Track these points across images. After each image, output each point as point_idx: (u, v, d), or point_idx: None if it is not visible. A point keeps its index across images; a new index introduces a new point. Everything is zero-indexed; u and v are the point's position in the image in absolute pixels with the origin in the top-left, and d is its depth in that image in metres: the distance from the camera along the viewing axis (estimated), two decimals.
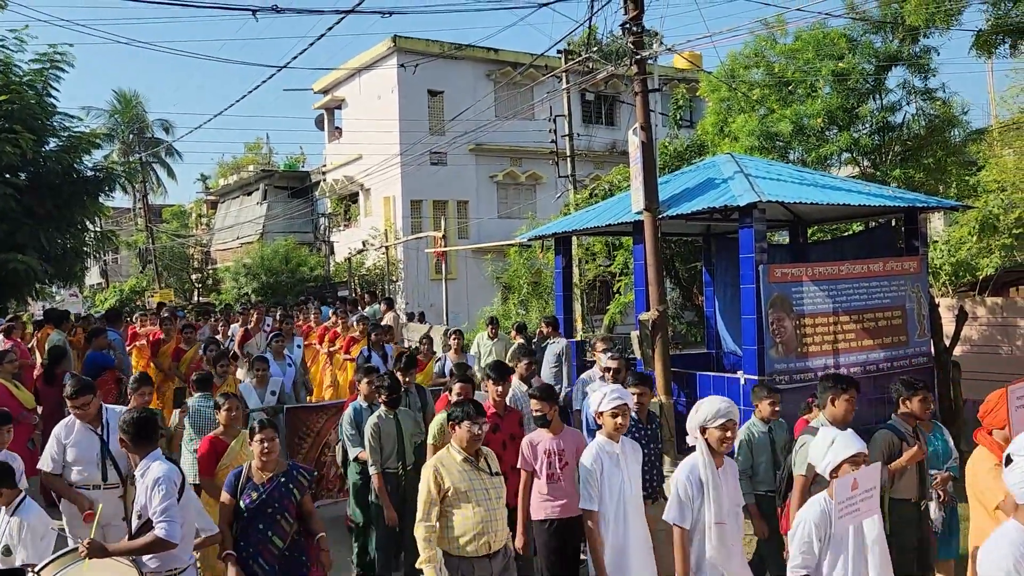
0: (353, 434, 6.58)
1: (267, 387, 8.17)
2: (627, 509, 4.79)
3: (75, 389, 5.32)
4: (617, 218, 10.35)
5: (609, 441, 4.86)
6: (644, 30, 9.36)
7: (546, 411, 5.44)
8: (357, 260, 26.89)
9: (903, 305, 9.71)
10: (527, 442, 5.44)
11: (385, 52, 26.09)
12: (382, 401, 6.33)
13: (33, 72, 14.25)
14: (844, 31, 13.40)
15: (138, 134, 40.40)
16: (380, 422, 6.24)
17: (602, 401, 4.83)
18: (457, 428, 4.64)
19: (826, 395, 5.34)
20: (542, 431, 5.46)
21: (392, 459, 6.23)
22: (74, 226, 15.62)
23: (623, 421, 4.86)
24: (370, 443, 6.15)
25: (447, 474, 4.55)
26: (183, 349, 10.60)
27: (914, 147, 13.47)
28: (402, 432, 6.30)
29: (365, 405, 6.64)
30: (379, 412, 6.30)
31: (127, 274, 43.60)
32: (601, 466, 4.76)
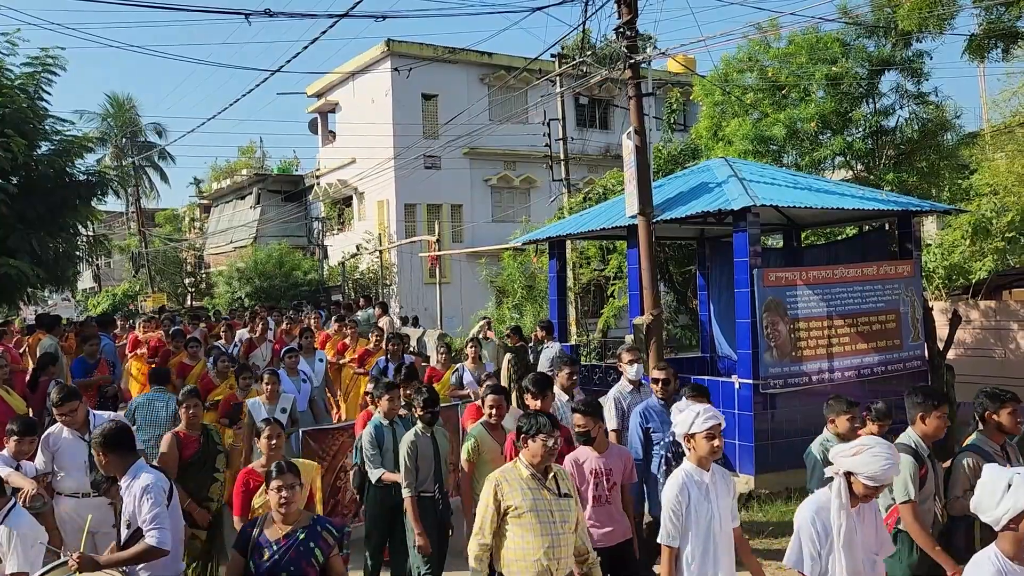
0: (374, 454, 6.02)
1: (278, 403, 7.53)
2: (716, 548, 4.14)
3: (60, 397, 5.28)
4: (611, 222, 10.35)
5: (698, 469, 4.19)
6: (638, 34, 9.37)
7: (590, 428, 5.09)
8: (351, 264, 26.83)
9: (897, 309, 9.73)
10: (571, 461, 5.05)
11: (379, 56, 26.06)
12: (418, 416, 5.81)
13: (25, 76, 14.18)
14: (837, 35, 13.44)
15: (131, 138, 40.29)
16: (417, 440, 5.70)
17: (694, 421, 4.16)
18: (530, 442, 4.16)
19: (915, 411, 4.77)
20: (587, 449, 5.11)
21: (428, 482, 5.69)
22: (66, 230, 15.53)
23: (720, 444, 4.19)
24: (405, 463, 5.60)
25: (510, 490, 4.11)
26: (188, 364, 9.94)
27: (907, 151, 13.51)
28: (439, 452, 5.79)
29: (386, 422, 6.14)
30: (416, 429, 5.78)
31: (120, 278, 43.42)
32: (688, 497, 4.11)
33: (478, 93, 26.21)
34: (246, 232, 32.53)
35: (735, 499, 5.08)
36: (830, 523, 3.62)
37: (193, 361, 10.04)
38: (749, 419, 8.72)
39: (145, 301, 34.07)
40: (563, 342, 11.67)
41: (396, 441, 5.96)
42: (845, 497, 3.63)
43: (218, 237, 35.91)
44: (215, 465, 5.85)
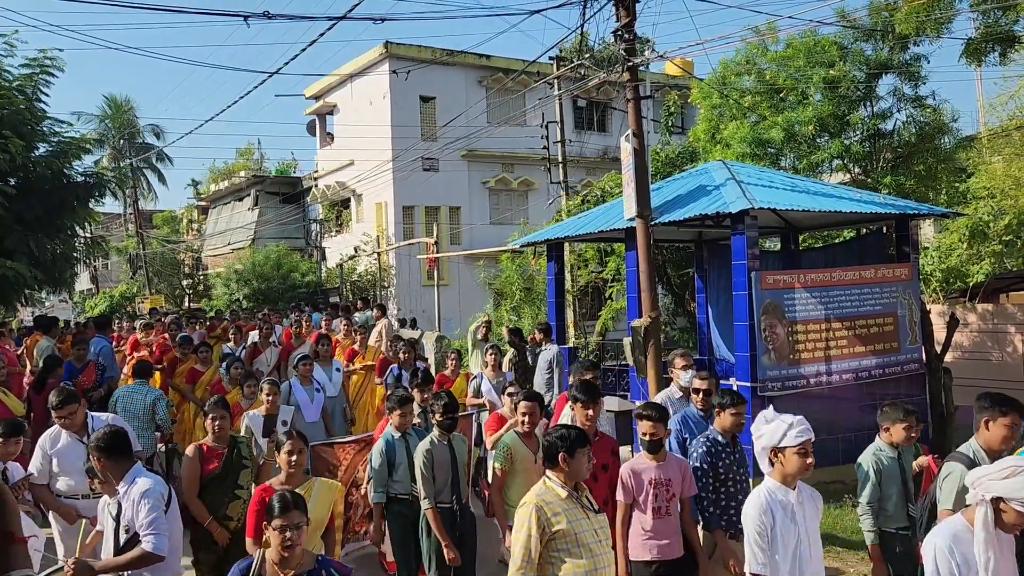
0: (379, 471, 5.77)
1: (278, 416, 7.19)
2: None
3: (60, 399, 5.30)
4: (609, 224, 10.36)
5: (783, 488, 3.80)
6: (636, 37, 9.38)
7: (660, 434, 4.84)
8: (349, 266, 26.83)
9: (895, 312, 9.75)
10: (629, 470, 4.84)
11: (377, 58, 26.08)
12: (436, 422, 5.58)
13: (23, 77, 14.18)
14: (835, 39, 13.47)
15: (129, 139, 40.28)
16: (433, 448, 5.47)
17: (786, 434, 3.78)
18: (569, 459, 3.87)
19: (980, 415, 4.33)
20: (644, 457, 4.87)
21: (445, 492, 5.45)
22: (64, 232, 15.53)
23: (812, 462, 3.80)
24: (422, 473, 5.38)
25: (552, 514, 3.80)
26: (198, 371, 9.73)
27: (905, 154, 13.54)
28: (456, 461, 5.55)
29: (398, 435, 5.87)
30: (432, 436, 5.56)
31: (117, 280, 43.37)
32: (773, 519, 3.73)
33: (476, 95, 26.23)
34: (244, 234, 32.50)
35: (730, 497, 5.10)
36: (972, 556, 3.17)
37: (204, 367, 9.77)
38: (747, 422, 8.72)
39: (143, 303, 34.02)
40: (561, 344, 11.67)
41: (410, 455, 5.73)
42: (992, 528, 3.17)
43: (216, 239, 35.89)
44: (238, 481, 5.42)
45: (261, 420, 7.11)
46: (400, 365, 9.27)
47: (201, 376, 9.67)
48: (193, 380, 9.76)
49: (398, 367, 9.28)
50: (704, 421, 5.70)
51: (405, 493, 5.75)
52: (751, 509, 3.80)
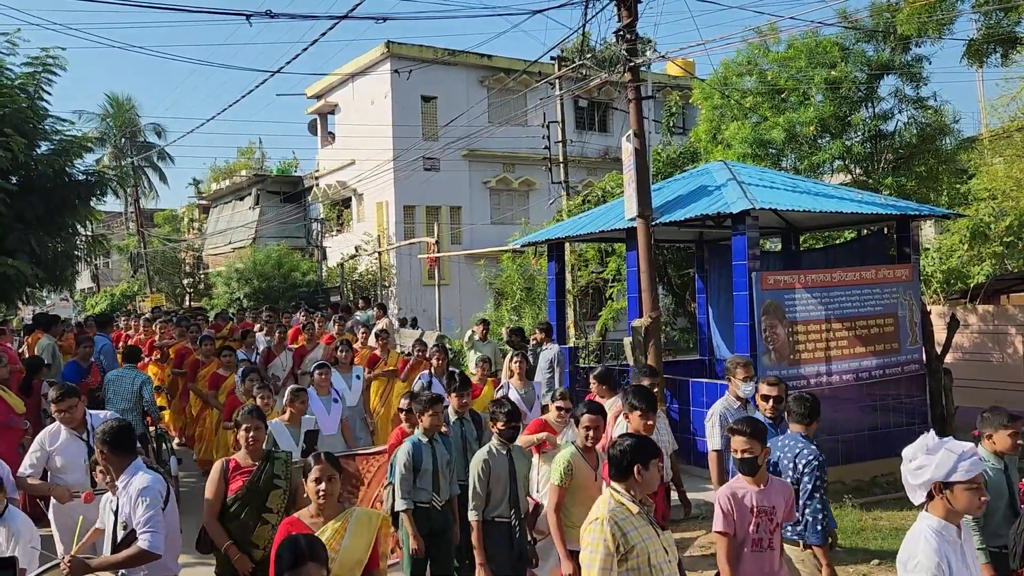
0: (406, 476, 5.44)
1: (301, 427, 6.75)
2: None
3: (60, 393, 5.31)
4: (610, 224, 10.36)
5: (947, 526, 3.26)
6: (637, 37, 9.39)
7: (756, 452, 4.19)
8: (350, 265, 26.83)
9: (895, 312, 9.75)
10: (728, 494, 4.18)
11: (378, 57, 26.09)
12: (498, 431, 5.26)
13: (25, 75, 14.14)
14: (837, 40, 13.48)
15: (130, 138, 40.31)
16: (491, 459, 5.20)
17: (955, 468, 3.18)
18: (644, 471, 3.66)
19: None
20: (744, 480, 4.24)
21: (503, 506, 5.18)
22: (65, 230, 15.49)
23: (985, 500, 3.28)
24: (475, 485, 5.12)
25: (626, 531, 3.57)
26: (221, 375, 9.33)
27: (906, 155, 13.55)
28: (516, 473, 5.26)
29: (425, 440, 5.57)
30: (491, 447, 5.28)
31: (118, 278, 43.40)
32: (949, 566, 3.18)
33: (477, 95, 26.23)
34: (245, 233, 32.51)
35: None
36: None
37: (227, 371, 9.31)
38: None
39: (143, 301, 34.04)
40: (562, 344, 11.68)
41: (436, 461, 5.53)
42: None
43: (217, 238, 35.90)
44: (267, 503, 4.70)
45: (285, 430, 6.60)
46: (432, 371, 8.62)
47: (224, 381, 9.23)
48: (216, 385, 9.33)
49: (429, 373, 8.64)
50: (774, 430, 5.25)
51: (425, 501, 5.50)
52: (924, 557, 3.15)
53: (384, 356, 9.96)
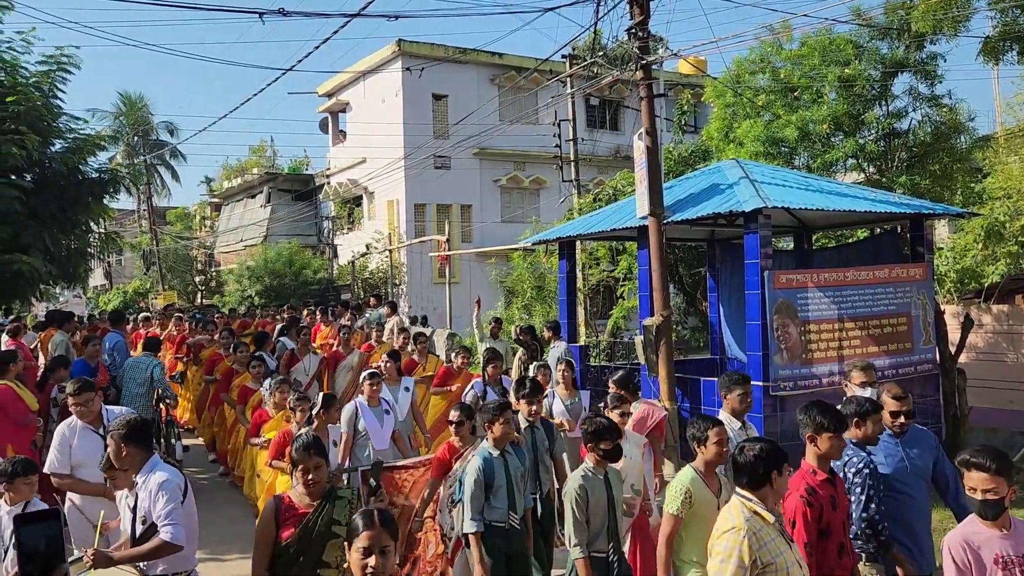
0: (476, 493, 4.88)
1: (330, 437, 6.37)
2: None
3: (78, 387, 5.35)
4: (622, 223, 10.34)
5: None
6: (650, 35, 9.36)
7: (1002, 492, 3.37)
8: (360, 263, 26.90)
9: (908, 312, 9.69)
10: (962, 541, 3.44)
11: (390, 56, 26.12)
12: (601, 451, 4.59)
13: (39, 74, 14.23)
14: (850, 37, 13.39)
15: (143, 136, 40.53)
16: (588, 482, 4.51)
17: None
18: (777, 477, 3.42)
19: None
20: (981, 524, 3.43)
21: (601, 539, 4.51)
22: (78, 227, 15.57)
23: None
24: (573, 513, 4.42)
25: (761, 544, 3.32)
26: (250, 388, 8.82)
27: (920, 154, 13.44)
28: (614, 500, 4.62)
29: (496, 452, 5.05)
30: (586, 469, 4.59)
31: (131, 276, 43.67)
32: None
33: (488, 93, 26.23)
34: (256, 231, 32.65)
35: None
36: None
37: (256, 384, 8.67)
38: (759, 421, 8.69)
39: (156, 299, 34.23)
40: (572, 343, 11.66)
41: (510, 475, 5.03)
42: None
43: (228, 235, 36.06)
44: (323, 557, 3.80)
45: None
46: (486, 381, 7.96)
47: (253, 394, 8.59)
48: (244, 399, 8.63)
49: (483, 383, 7.98)
50: (900, 448, 4.72)
51: (501, 521, 4.95)
52: None
53: (423, 361, 9.44)
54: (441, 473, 5.67)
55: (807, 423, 4.10)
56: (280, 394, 7.36)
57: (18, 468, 4.48)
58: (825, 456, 4.04)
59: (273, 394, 7.44)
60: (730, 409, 5.45)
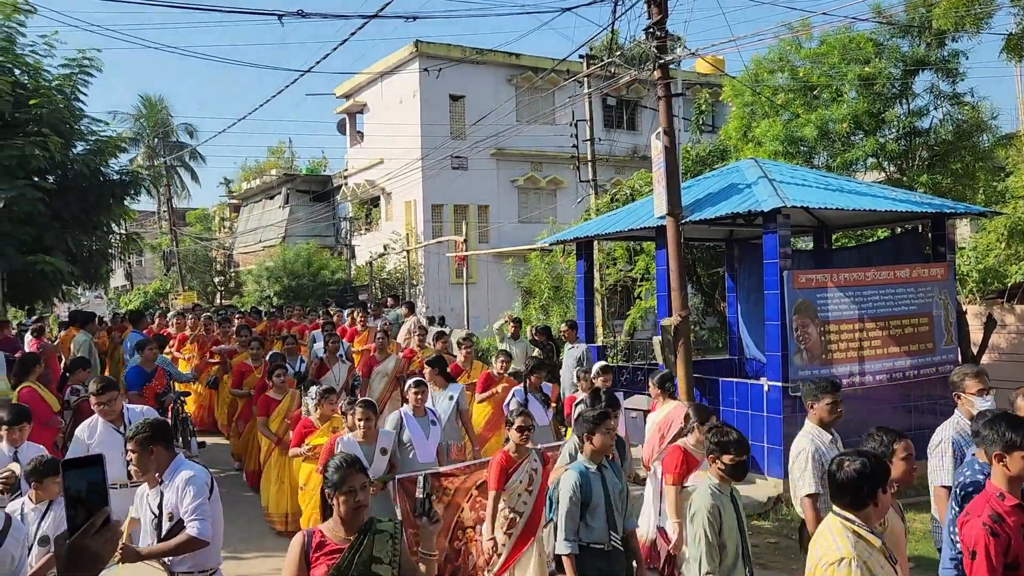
0: (571, 509, 4.44)
1: (376, 444, 5.98)
2: None
3: (100, 386, 5.43)
4: (640, 223, 10.32)
5: None
6: (668, 34, 9.33)
7: None
8: (378, 264, 27.00)
9: (930, 312, 9.61)
10: None
11: (407, 57, 26.20)
12: (725, 467, 4.12)
13: (62, 77, 14.41)
14: (870, 35, 13.27)
15: (163, 138, 40.90)
16: (719, 501, 4.06)
17: None
18: (882, 496, 3.16)
19: None
20: None
21: (739, 568, 4.10)
22: (100, 229, 15.76)
23: None
24: (706, 536, 3.95)
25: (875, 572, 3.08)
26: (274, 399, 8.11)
27: (941, 152, 13.31)
28: (742, 520, 4.21)
29: (593, 467, 4.57)
30: (712, 486, 4.14)
31: (151, 276, 44.08)
32: None
33: (505, 94, 26.25)
34: (275, 231, 32.85)
35: None
36: None
37: (279, 394, 8.03)
38: (778, 422, 8.65)
39: (175, 299, 34.53)
40: (590, 342, 11.65)
41: (608, 492, 4.57)
42: None
43: (247, 236, 36.30)
44: None
45: (358, 447, 5.81)
46: (527, 388, 7.57)
47: (276, 406, 8.01)
48: (267, 411, 8.01)
49: (524, 391, 7.58)
50: None
51: (600, 542, 4.50)
52: None
53: (467, 368, 9.06)
54: (501, 485, 5.37)
55: (994, 439, 3.51)
56: (328, 405, 6.89)
57: (47, 468, 4.54)
58: (1017, 478, 3.48)
59: (320, 405, 6.93)
60: (817, 420, 4.90)
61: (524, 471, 5.44)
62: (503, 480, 5.37)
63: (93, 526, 1.60)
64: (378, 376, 9.50)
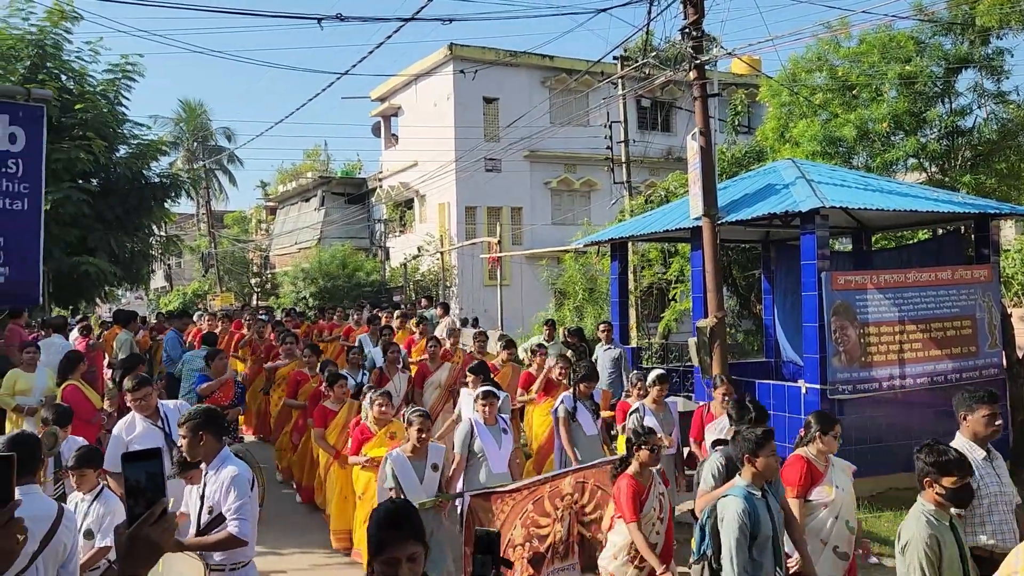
0: (741, 541, 3.87)
1: (427, 459, 5.55)
2: None
3: (136, 383, 5.58)
4: (675, 224, 10.26)
5: None
6: (704, 34, 9.28)
7: None
8: (412, 266, 27.16)
9: (973, 314, 9.41)
10: None
11: (441, 60, 26.34)
12: (934, 485, 3.60)
13: (106, 82, 14.78)
14: (912, 33, 13.07)
15: (202, 142, 41.59)
16: (937, 531, 3.53)
17: None
18: None
19: None
20: None
21: None
22: (141, 230, 16.12)
23: None
24: (923, 571, 3.44)
25: None
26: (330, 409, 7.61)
27: (985, 152, 13.06)
28: (965, 553, 3.60)
29: (758, 492, 4.04)
30: (926, 511, 3.60)
31: (190, 278, 44.82)
32: None
33: (539, 96, 26.26)
34: (310, 233, 33.20)
35: None
36: None
37: (337, 405, 7.57)
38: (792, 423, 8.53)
39: (213, 300, 35.07)
40: (624, 344, 11.60)
41: (775, 522, 4.04)
42: None
43: (283, 238, 36.74)
44: None
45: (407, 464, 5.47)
46: (576, 394, 7.07)
47: (334, 417, 7.49)
48: (324, 423, 7.47)
49: (572, 398, 7.04)
50: None
51: None
52: None
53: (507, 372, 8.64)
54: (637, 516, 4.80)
55: None
56: (381, 407, 6.46)
57: (84, 457, 4.71)
58: None
59: (373, 406, 6.49)
60: (971, 434, 4.32)
61: (654, 496, 4.96)
62: (638, 508, 4.82)
63: (152, 516, 1.66)
64: (431, 387, 8.90)
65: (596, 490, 5.51)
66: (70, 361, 7.90)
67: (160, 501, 1.66)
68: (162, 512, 1.66)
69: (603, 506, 5.39)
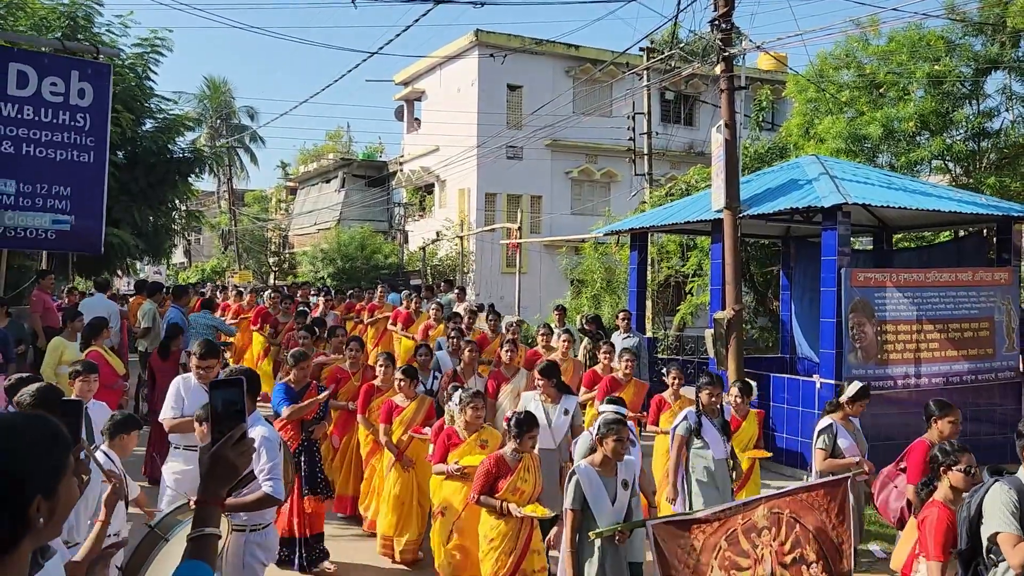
0: None
1: (617, 475, 4.69)
2: None
3: (203, 352, 5.55)
4: (696, 215, 10.28)
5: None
6: (733, 27, 9.27)
7: None
8: (430, 250, 27.27)
9: (991, 317, 9.40)
10: None
11: (467, 46, 26.34)
12: None
13: (135, 56, 14.91)
14: (942, 33, 12.96)
15: (225, 119, 41.83)
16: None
17: None
18: None
19: None
20: None
21: None
22: (165, 205, 16.30)
23: None
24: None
25: None
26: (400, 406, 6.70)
27: (1011, 155, 12.97)
28: None
29: None
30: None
31: (209, 254, 45.20)
32: None
33: (563, 85, 26.23)
34: (330, 214, 33.39)
35: None
36: None
37: (406, 400, 6.66)
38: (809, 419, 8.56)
39: (232, 277, 35.36)
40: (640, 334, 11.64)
41: None
42: None
43: (303, 218, 36.96)
44: None
45: (599, 480, 4.60)
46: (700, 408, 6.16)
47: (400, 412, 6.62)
48: (388, 418, 6.57)
49: (697, 412, 6.16)
50: None
51: None
52: None
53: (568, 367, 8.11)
54: None
55: None
56: (474, 411, 5.72)
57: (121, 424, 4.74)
58: None
59: (464, 410, 5.77)
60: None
61: None
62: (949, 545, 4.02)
63: (231, 439, 1.81)
64: (508, 395, 7.61)
65: (793, 523, 4.53)
66: (93, 327, 8.01)
67: (239, 426, 1.79)
68: (241, 436, 1.80)
69: (804, 544, 4.53)
